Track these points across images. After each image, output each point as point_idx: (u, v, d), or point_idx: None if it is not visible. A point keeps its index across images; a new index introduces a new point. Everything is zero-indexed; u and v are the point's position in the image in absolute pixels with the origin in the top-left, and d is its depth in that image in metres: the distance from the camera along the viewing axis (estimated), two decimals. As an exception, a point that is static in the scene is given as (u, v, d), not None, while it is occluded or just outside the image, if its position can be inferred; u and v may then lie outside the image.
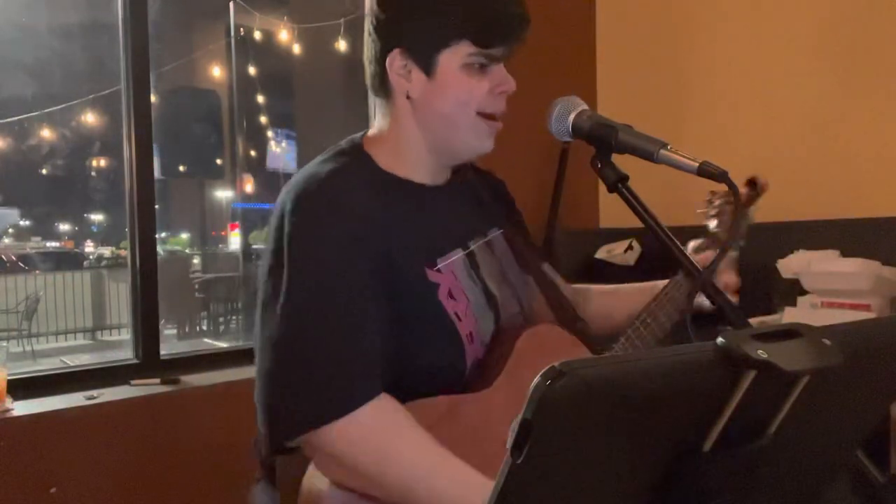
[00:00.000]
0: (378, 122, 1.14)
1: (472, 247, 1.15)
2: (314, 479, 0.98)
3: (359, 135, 1.15)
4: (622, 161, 0.99)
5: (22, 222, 11.15)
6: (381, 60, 1.08)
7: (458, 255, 1.11)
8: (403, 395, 0.98)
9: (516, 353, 1.08)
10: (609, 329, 1.23)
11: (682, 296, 1.22)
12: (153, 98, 2.28)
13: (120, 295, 7.65)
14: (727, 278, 1.27)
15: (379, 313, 0.98)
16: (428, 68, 1.05)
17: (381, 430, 0.93)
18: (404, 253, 1.04)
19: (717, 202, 1.32)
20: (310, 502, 0.97)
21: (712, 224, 1.30)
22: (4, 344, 4.92)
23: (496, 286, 1.16)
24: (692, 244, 1.27)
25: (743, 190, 1.31)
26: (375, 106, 1.16)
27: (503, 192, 1.33)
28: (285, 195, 1.04)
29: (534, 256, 1.26)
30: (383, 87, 1.10)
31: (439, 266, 1.07)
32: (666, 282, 1.26)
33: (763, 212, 1.36)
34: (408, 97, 1.08)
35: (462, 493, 0.89)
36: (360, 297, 0.97)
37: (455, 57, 1.04)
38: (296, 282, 0.96)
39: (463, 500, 0.89)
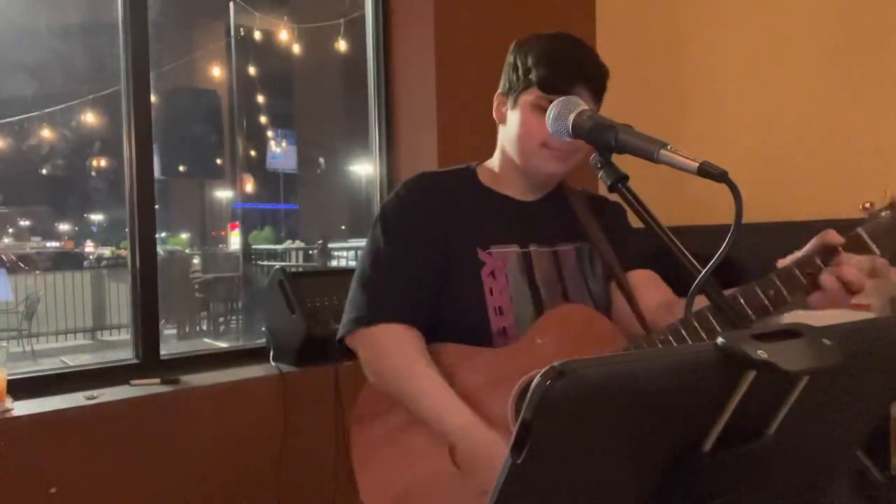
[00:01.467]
0: (494, 155, 1.43)
1: (531, 249, 1.34)
2: None
3: (476, 162, 1.45)
4: (622, 161, 0.99)
5: (22, 222, 11.15)
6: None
7: (512, 249, 1.33)
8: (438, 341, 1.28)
9: (541, 322, 1.25)
10: None
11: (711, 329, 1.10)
12: (153, 98, 2.28)
13: (120, 295, 7.65)
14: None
15: (425, 271, 1.28)
16: (513, 105, 1.32)
17: (391, 346, 1.25)
18: (465, 236, 1.31)
19: (883, 212, 1.11)
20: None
21: (859, 228, 1.10)
22: (4, 344, 4.92)
23: (545, 286, 1.32)
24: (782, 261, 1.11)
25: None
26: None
27: (617, 216, 1.46)
28: (397, 186, 1.39)
29: (612, 273, 1.38)
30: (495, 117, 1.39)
31: (492, 250, 1.31)
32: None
33: (763, 212, 1.36)
34: (499, 124, 1.38)
35: (439, 417, 1.17)
36: (416, 255, 1.29)
37: (528, 98, 1.28)
38: (380, 237, 1.33)
39: (441, 421, 1.17)
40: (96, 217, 11.49)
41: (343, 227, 11.17)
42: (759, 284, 1.12)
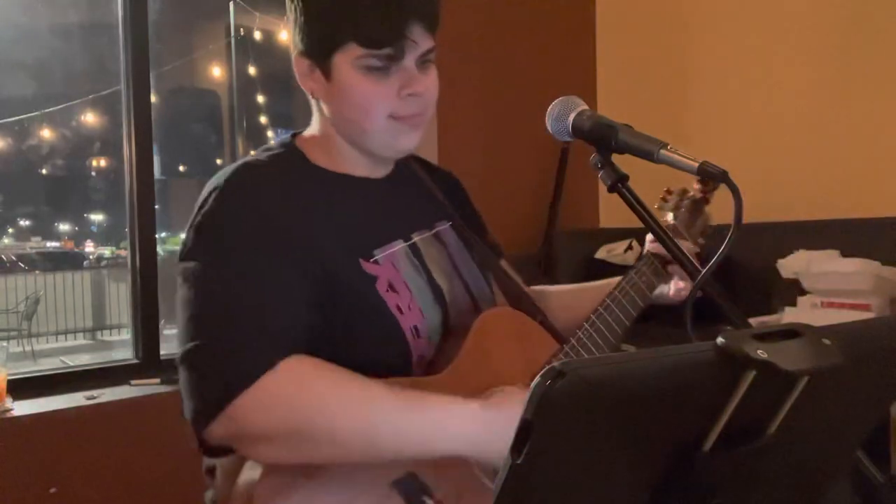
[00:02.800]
0: (312, 121, 1.12)
1: (416, 238, 1.10)
2: (247, 470, 0.92)
3: (289, 134, 1.12)
4: (622, 161, 0.99)
5: (22, 222, 11.15)
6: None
7: (398, 246, 1.07)
8: None
9: (475, 334, 1.02)
10: (570, 324, 1.16)
11: (643, 285, 1.21)
12: (153, 98, 2.28)
13: (120, 295, 7.64)
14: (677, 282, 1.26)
15: (294, 294, 0.92)
16: (326, 72, 1.01)
17: (306, 381, 0.85)
18: (335, 245, 0.99)
19: (672, 198, 1.34)
20: (242, 494, 0.89)
21: (669, 217, 1.31)
22: (4, 344, 4.92)
23: (445, 279, 1.11)
24: (650, 236, 1.27)
25: (697, 186, 1.32)
26: None
27: (456, 188, 1.28)
28: (206, 186, 1.01)
29: (489, 252, 1.23)
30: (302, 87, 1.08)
31: (377, 257, 1.02)
32: (626, 274, 1.24)
33: (763, 212, 1.36)
34: (314, 97, 1.06)
35: (444, 423, 0.86)
36: (268, 277, 0.91)
37: (346, 59, 0.98)
38: (203, 265, 0.92)
39: (447, 428, 0.85)
40: (96, 217, 11.47)
41: (343, 228, 11.12)
42: (635, 273, 1.22)
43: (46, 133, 8.98)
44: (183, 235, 0.98)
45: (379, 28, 0.96)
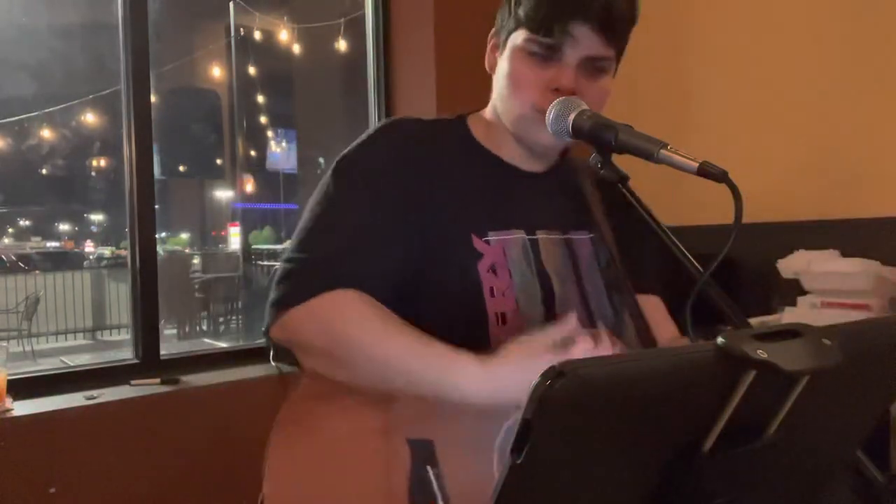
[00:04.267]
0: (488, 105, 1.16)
1: (539, 236, 1.09)
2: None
3: (465, 112, 1.17)
4: (622, 161, 0.99)
5: (22, 222, 11.15)
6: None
7: (517, 235, 1.06)
8: None
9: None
10: None
11: None
12: (153, 98, 2.28)
13: (120, 295, 7.65)
14: None
15: (390, 234, 0.99)
16: (502, 49, 1.08)
17: (352, 308, 0.92)
18: (455, 214, 1.03)
19: None
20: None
21: None
22: (4, 344, 4.91)
23: (559, 282, 1.07)
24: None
25: None
26: None
27: (621, 199, 1.17)
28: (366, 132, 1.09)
29: (626, 279, 1.11)
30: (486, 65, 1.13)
31: (489, 238, 1.04)
32: None
33: (763, 212, 1.35)
34: (491, 72, 1.11)
35: (443, 371, 0.88)
36: (386, 211, 0.99)
37: (517, 40, 1.04)
38: (332, 189, 1.01)
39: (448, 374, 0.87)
40: (96, 217, 11.49)
41: (343, 227, 11.11)
42: None
43: (46, 133, 8.98)
44: (337, 158, 1.06)
45: (544, 17, 1.00)
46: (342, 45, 6.61)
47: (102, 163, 9.64)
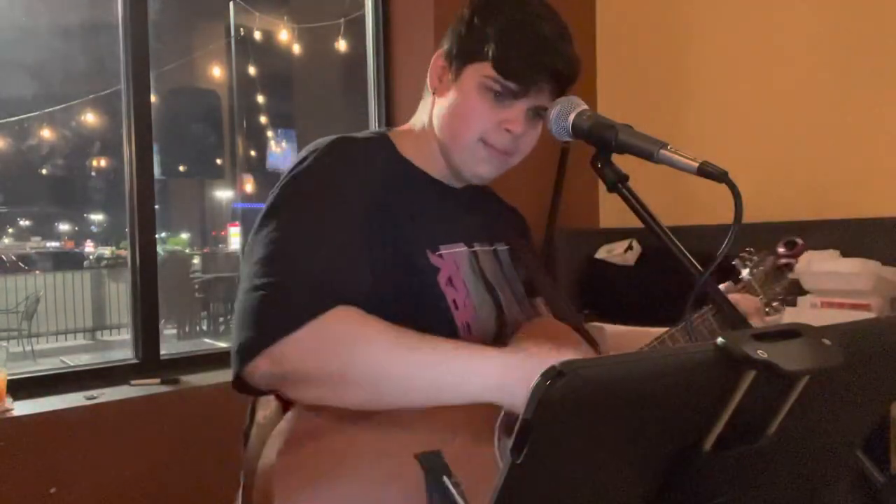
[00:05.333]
0: (414, 116, 1.19)
1: (477, 248, 1.15)
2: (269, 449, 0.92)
3: (384, 128, 1.20)
4: (622, 161, 0.99)
5: (22, 222, 11.15)
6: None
7: (461, 249, 1.11)
8: None
9: (519, 336, 1.06)
10: None
11: (706, 331, 1.17)
12: (153, 98, 2.28)
13: (120, 295, 7.65)
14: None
15: (363, 260, 0.97)
16: (456, 74, 1.09)
17: (354, 327, 0.89)
18: (409, 231, 1.04)
19: (754, 256, 1.32)
20: (272, 443, 0.91)
21: (745, 272, 1.29)
22: (4, 344, 4.92)
23: (500, 289, 1.15)
24: (723, 286, 1.24)
25: (781, 250, 1.31)
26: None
27: (518, 220, 1.33)
28: (304, 150, 1.07)
29: (544, 285, 1.24)
30: (428, 81, 1.15)
31: (441, 252, 1.07)
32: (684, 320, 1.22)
33: (763, 212, 1.36)
34: (434, 94, 1.13)
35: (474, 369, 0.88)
36: (343, 236, 0.96)
37: (476, 73, 1.06)
38: (289, 210, 0.97)
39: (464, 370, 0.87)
40: (96, 217, 11.48)
41: (343, 228, 11.11)
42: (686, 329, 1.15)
43: (46, 133, 8.98)
44: (274, 189, 1.03)
45: (518, 64, 1.03)
46: (342, 45, 6.60)
47: (102, 163, 9.63)
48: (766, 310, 1.27)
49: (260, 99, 10.30)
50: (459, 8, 1.14)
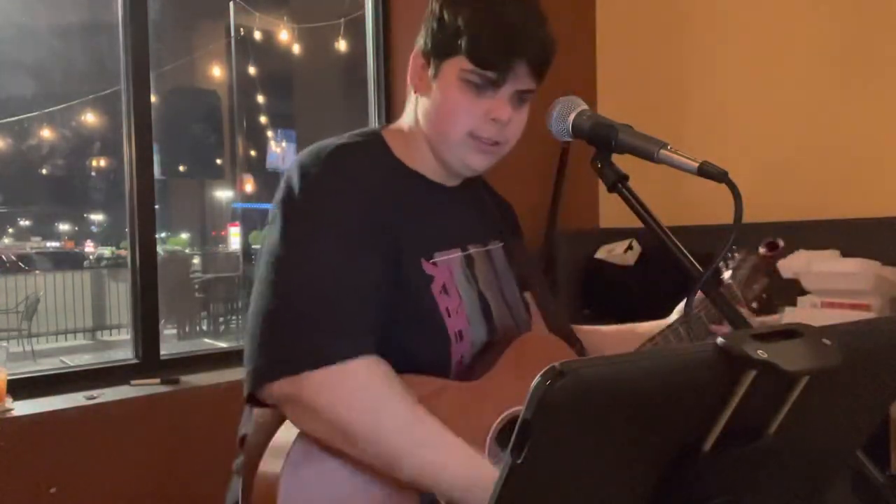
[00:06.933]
0: (403, 115, 1.19)
1: (472, 251, 1.15)
2: (269, 457, 0.95)
3: (378, 125, 1.18)
4: (622, 161, 0.99)
5: (22, 222, 11.16)
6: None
7: (456, 254, 1.12)
8: None
9: (510, 352, 1.09)
10: None
11: (702, 333, 1.20)
12: (153, 98, 2.28)
13: (120, 295, 7.65)
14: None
15: (378, 277, 0.98)
16: (435, 73, 1.09)
17: (373, 388, 0.91)
18: (405, 238, 1.05)
19: (737, 256, 1.33)
20: (275, 453, 0.93)
21: (727, 274, 1.30)
22: (4, 344, 4.92)
23: (491, 295, 1.16)
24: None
25: (762, 250, 1.32)
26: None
27: (510, 214, 1.34)
28: (293, 164, 1.06)
29: (535, 279, 1.27)
30: (409, 80, 1.15)
31: (436, 260, 1.08)
32: (675, 317, 1.25)
33: (763, 212, 1.36)
34: (416, 92, 1.13)
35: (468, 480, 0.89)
36: (363, 255, 0.98)
37: (454, 68, 1.06)
38: (301, 232, 0.98)
39: (453, 475, 0.89)
40: (96, 217, 11.49)
41: (343, 227, 11.12)
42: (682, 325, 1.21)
43: (46, 133, 8.98)
44: (272, 206, 1.03)
45: (491, 52, 1.03)
46: (342, 45, 6.60)
47: (102, 163, 9.64)
48: (750, 314, 1.29)
49: (260, 99, 10.31)
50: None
